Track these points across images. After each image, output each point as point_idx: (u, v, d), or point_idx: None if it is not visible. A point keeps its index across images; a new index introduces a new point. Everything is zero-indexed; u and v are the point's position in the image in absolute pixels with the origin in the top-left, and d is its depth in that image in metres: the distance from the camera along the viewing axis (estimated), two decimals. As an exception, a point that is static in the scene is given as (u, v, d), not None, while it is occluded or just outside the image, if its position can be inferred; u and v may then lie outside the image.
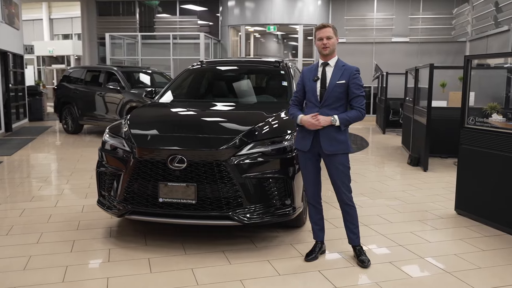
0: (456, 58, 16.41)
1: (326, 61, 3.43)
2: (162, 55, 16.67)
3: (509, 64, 9.40)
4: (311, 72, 3.49)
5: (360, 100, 3.35)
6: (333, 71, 3.40)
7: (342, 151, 3.38)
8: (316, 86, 3.41)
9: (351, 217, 3.50)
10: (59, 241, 3.94)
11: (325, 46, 3.36)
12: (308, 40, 18.18)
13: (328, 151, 3.36)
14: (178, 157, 3.54)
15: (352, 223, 3.51)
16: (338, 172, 3.41)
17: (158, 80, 11.86)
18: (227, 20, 17.41)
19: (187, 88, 5.41)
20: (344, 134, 3.38)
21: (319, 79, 3.40)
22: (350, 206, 3.47)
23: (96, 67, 12.68)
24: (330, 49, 3.37)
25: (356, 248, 3.53)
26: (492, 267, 3.45)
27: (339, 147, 3.36)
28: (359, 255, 3.48)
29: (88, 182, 6.18)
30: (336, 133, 3.34)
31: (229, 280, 3.21)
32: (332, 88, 3.35)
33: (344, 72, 3.37)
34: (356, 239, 3.53)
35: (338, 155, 3.38)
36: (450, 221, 4.63)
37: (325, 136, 3.34)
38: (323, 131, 3.34)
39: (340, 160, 3.39)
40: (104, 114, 10.69)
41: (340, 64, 3.42)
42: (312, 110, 3.40)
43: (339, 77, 3.35)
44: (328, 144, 3.35)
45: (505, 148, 4.24)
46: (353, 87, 3.35)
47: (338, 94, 3.35)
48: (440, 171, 7.17)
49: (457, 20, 16.08)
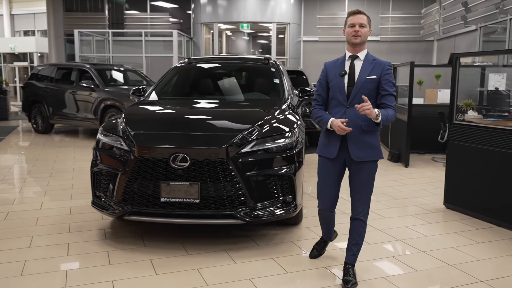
0: (424, 56, 16.87)
1: (355, 54, 3.01)
2: (133, 53, 16.35)
3: (479, 63, 9.73)
4: (337, 66, 3.06)
5: (392, 99, 2.97)
6: (362, 65, 2.99)
7: (372, 157, 2.99)
8: (344, 81, 2.99)
9: (359, 236, 3.11)
10: (52, 245, 3.78)
11: (357, 34, 2.94)
12: (279, 38, 18.26)
13: (357, 158, 2.96)
14: (181, 156, 3.46)
15: (357, 243, 3.13)
16: (363, 183, 3.02)
17: (132, 78, 11.62)
18: (199, 17, 17.25)
19: (178, 86, 5.31)
20: (376, 138, 2.99)
21: (346, 73, 2.99)
22: (362, 223, 3.08)
23: (67, 64, 12.28)
24: (362, 39, 2.95)
25: (347, 266, 3.14)
26: (491, 259, 3.55)
27: (370, 153, 2.97)
28: (345, 274, 3.09)
29: (70, 183, 5.98)
30: (366, 137, 2.96)
31: (237, 279, 3.16)
32: (361, 84, 2.94)
33: (375, 66, 2.97)
34: (352, 257, 3.15)
35: (368, 163, 2.99)
36: (441, 215, 4.74)
37: (354, 140, 2.96)
38: (350, 133, 2.94)
39: (369, 168, 3.01)
40: (76, 113, 10.37)
41: (370, 57, 3.01)
42: (338, 109, 3.00)
43: (370, 72, 2.95)
44: (357, 149, 2.96)
45: (493, 143, 4.38)
46: (385, 83, 2.96)
47: (368, 91, 2.94)
48: (420, 166, 7.34)
49: (425, 20, 16.52)
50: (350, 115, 2.94)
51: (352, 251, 3.15)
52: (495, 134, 4.40)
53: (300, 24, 17.63)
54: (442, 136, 7.83)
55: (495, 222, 4.37)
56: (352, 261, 3.15)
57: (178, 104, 4.72)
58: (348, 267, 3.14)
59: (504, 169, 4.27)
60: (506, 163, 4.24)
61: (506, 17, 11.16)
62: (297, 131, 3.92)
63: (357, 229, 3.12)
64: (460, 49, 14.34)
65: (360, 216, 3.08)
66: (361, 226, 3.11)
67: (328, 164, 3.09)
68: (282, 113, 4.18)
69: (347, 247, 3.20)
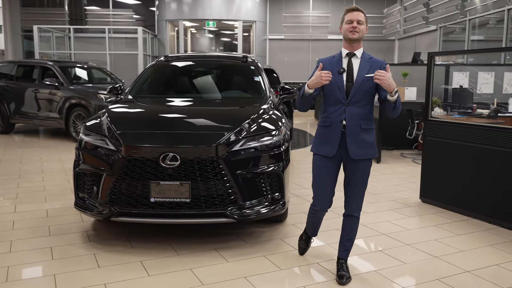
0: (386, 55, 17.32)
1: (352, 51, 2.99)
2: (95, 50, 15.91)
3: (441, 62, 10.09)
4: (334, 63, 3.00)
5: None
6: (360, 62, 2.98)
7: (370, 155, 3.01)
8: (343, 79, 2.96)
9: (352, 232, 3.16)
10: (34, 249, 3.64)
11: (354, 30, 2.92)
12: (245, 36, 18.27)
13: (356, 156, 2.96)
14: (171, 155, 3.41)
15: (350, 239, 3.18)
16: (359, 180, 3.05)
17: (97, 75, 11.32)
18: (164, 14, 17.00)
19: (158, 84, 5.21)
20: (373, 136, 3.02)
21: (345, 71, 2.96)
22: (356, 219, 3.14)
23: (28, 61, 11.77)
24: (359, 35, 2.93)
25: (340, 261, 3.19)
26: (472, 250, 3.70)
27: (368, 151, 3.00)
28: (339, 269, 3.15)
29: (41, 185, 5.76)
30: (365, 135, 2.97)
31: (233, 278, 3.15)
32: (361, 82, 2.93)
33: (372, 65, 2.96)
34: (344, 253, 3.21)
35: (365, 161, 3.02)
36: (418, 209, 4.90)
37: (353, 138, 2.95)
38: (350, 131, 2.94)
39: (365, 166, 3.04)
40: (39, 112, 10.00)
41: (367, 56, 3.01)
42: (336, 107, 2.97)
43: (368, 70, 2.94)
44: (356, 147, 2.96)
45: (466, 138, 4.56)
46: None
47: (367, 89, 2.94)
48: (391, 162, 7.55)
49: (387, 20, 16.98)
50: (350, 113, 2.94)
51: (345, 246, 3.20)
52: (470, 130, 4.59)
53: (266, 22, 17.70)
54: (410, 132, 8.09)
55: (470, 214, 4.56)
56: (345, 256, 3.21)
57: (161, 103, 4.64)
58: (341, 262, 3.19)
59: (478, 164, 4.46)
60: (479, 157, 4.43)
61: (465, 18, 11.64)
62: (283, 129, 3.94)
63: (350, 225, 3.16)
64: (420, 48, 14.82)
65: (354, 213, 3.13)
66: (355, 223, 3.16)
67: (325, 163, 3.06)
68: (267, 111, 4.19)
69: (339, 242, 3.25)
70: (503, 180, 4.22)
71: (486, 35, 12.75)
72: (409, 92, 8.87)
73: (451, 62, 10.43)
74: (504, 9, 10.08)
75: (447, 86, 8.75)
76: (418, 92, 8.81)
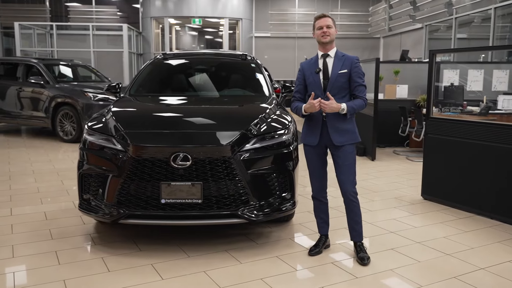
0: (371, 53, 17.46)
1: (326, 52, 3.40)
2: (78, 47, 15.59)
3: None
4: (311, 65, 3.46)
5: (362, 89, 3.37)
6: (333, 61, 3.37)
7: (351, 141, 3.38)
8: (319, 78, 3.37)
9: (354, 214, 3.45)
10: (38, 254, 3.51)
11: (325, 35, 3.33)
12: (231, 34, 18.15)
13: (338, 142, 3.34)
14: (182, 155, 3.32)
15: (355, 220, 3.46)
16: (346, 165, 3.38)
17: (83, 73, 11.09)
18: (149, 11, 16.76)
19: (160, 82, 5.08)
20: (352, 123, 3.39)
21: (321, 70, 3.38)
22: (354, 203, 3.42)
23: (11, 59, 11.46)
24: (330, 38, 3.34)
25: (357, 244, 3.48)
26: (483, 247, 3.72)
27: (349, 137, 3.36)
28: (359, 251, 3.42)
29: (35, 186, 5.59)
30: (344, 123, 3.34)
31: (249, 280, 3.09)
32: (335, 78, 3.33)
33: (345, 61, 3.36)
34: (357, 236, 3.47)
35: (347, 146, 3.37)
36: (421, 206, 4.91)
37: (333, 127, 3.34)
38: (330, 122, 3.34)
39: (349, 150, 3.38)
40: (23, 111, 9.72)
41: (339, 54, 3.41)
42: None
43: (341, 67, 3.34)
44: (337, 135, 3.34)
45: (468, 135, 4.59)
46: (355, 76, 3.35)
47: (341, 84, 3.35)
48: (386, 160, 7.58)
49: (373, 18, 17.09)
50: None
51: (355, 229, 3.47)
52: (471, 127, 4.62)
53: (252, 20, 17.62)
54: (402, 129, 8.15)
55: (473, 211, 4.58)
56: (359, 239, 3.48)
57: (166, 101, 4.52)
58: (358, 244, 3.46)
59: (480, 161, 4.49)
60: (481, 154, 4.46)
61: (452, 16, 11.79)
62: (292, 128, 3.89)
63: (350, 210, 3.45)
64: (406, 46, 14.96)
65: (350, 197, 3.41)
66: (354, 205, 3.43)
67: (312, 151, 3.48)
68: (274, 110, 4.12)
69: (349, 227, 3.51)
70: (505, 177, 4.26)
71: (469, 34, 12.96)
72: (401, 89, 8.93)
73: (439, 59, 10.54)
74: (491, 7, 10.23)
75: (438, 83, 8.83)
76: (409, 89, 8.89)
